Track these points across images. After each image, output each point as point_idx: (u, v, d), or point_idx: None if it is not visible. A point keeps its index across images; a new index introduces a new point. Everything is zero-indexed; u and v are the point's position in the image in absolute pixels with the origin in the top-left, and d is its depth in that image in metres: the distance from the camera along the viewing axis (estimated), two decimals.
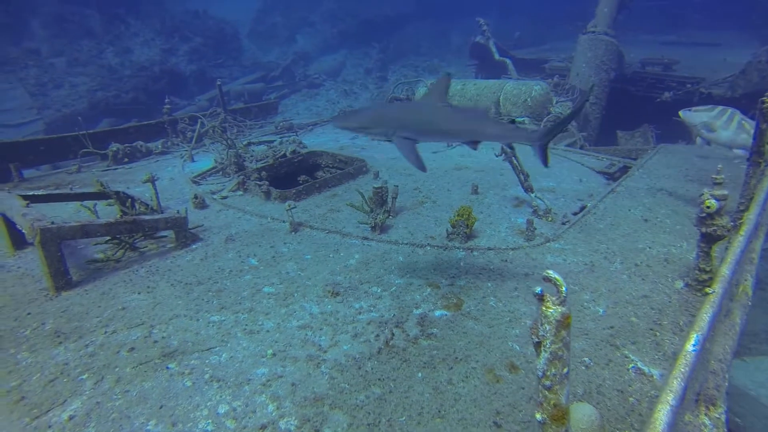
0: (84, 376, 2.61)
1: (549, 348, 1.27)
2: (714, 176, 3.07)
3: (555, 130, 3.33)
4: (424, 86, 8.50)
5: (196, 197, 4.94)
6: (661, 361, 2.66)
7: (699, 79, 10.49)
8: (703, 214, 3.01)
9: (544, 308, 1.26)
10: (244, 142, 7.36)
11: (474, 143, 3.21)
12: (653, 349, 2.76)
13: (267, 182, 5.13)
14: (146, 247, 4.07)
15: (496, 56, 12.22)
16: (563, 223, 4.34)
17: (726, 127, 4.64)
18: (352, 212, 4.57)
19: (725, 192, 3.01)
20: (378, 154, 6.58)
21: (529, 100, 7.40)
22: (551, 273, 1.27)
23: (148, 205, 4.48)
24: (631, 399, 2.41)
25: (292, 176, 6.19)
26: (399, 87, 9.09)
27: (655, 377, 2.55)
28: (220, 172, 6.13)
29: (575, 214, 4.57)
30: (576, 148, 7.00)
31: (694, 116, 4.71)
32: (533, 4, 26.50)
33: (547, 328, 1.26)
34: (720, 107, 5.21)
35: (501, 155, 4.41)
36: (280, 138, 7.37)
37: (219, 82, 8.46)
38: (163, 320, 3.06)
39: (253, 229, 4.47)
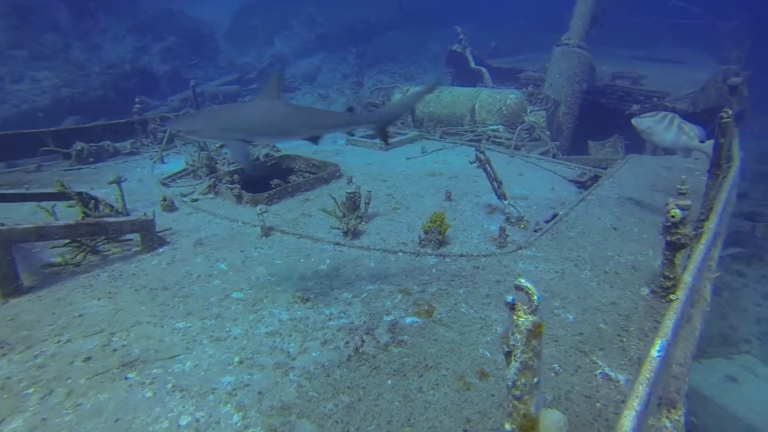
0: (30, 390, 2.44)
1: (519, 358, 1.26)
2: (678, 187, 3.15)
3: (395, 113, 3.52)
4: (399, 92, 8.53)
5: (164, 200, 4.81)
6: (627, 367, 2.70)
7: (664, 93, 10.84)
8: (668, 224, 3.08)
9: (515, 317, 1.25)
10: (217, 145, 7.22)
11: (315, 138, 3.17)
12: (620, 354, 2.80)
13: (239, 186, 5.03)
14: (110, 250, 3.92)
15: (472, 65, 12.38)
16: (535, 231, 4.39)
17: (668, 130, 4.95)
18: (325, 217, 4.51)
19: (689, 202, 3.09)
20: (352, 159, 6.55)
21: (503, 108, 7.50)
22: (523, 282, 1.26)
23: (113, 207, 4.33)
24: (598, 404, 2.42)
25: (265, 180, 6.09)
26: (374, 93, 9.09)
27: (621, 382, 2.58)
28: (191, 175, 5.99)
29: (547, 221, 4.63)
30: (549, 157, 7.12)
31: (641, 122, 5.04)
32: (511, 16, 27.06)
33: (518, 338, 1.24)
34: (662, 113, 5.48)
35: (475, 162, 4.44)
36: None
37: (193, 83, 8.30)
38: (125, 327, 2.94)
39: (223, 233, 4.36)
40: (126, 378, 2.50)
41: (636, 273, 3.69)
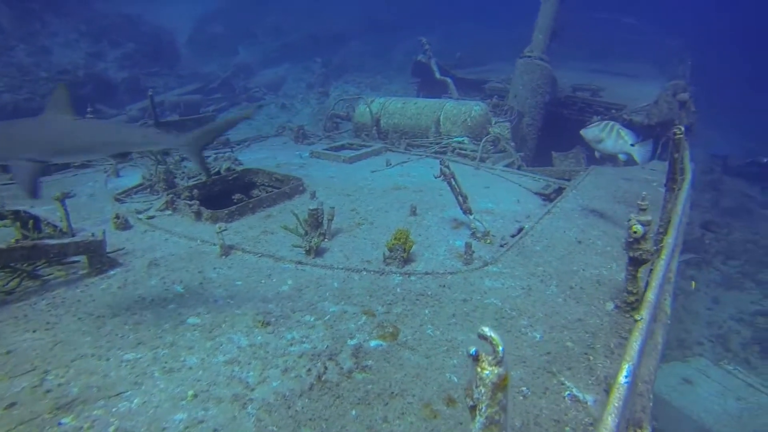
0: None
1: (485, 413, 1.16)
2: (639, 202, 3.17)
3: (206, 137, 3.17)
4: (364, 104, 8.45)
5: (117, 217, 4.53)
6: (594, 386, 2.67)
7: (622, 105, 11.19)
8: (630, 239, 3.09)
9: (479, 369, 1.16)
10: (176, 158, 6.94)
11: (122, 156, 3.00)
12: (587, 373, 2.77)
13: (198, 202, 4.81)
14: (52, 274, 3.65)
15: (437, 75, 12.47)
16: (501, 246, 4.36)
17: (609, 137, 5.25)
18: (287, 235, 4.36)
19: (649, 218, 3.11)
20: (316, 172, 6.41)
21: (468, 120, 7.53)
22: (487, 331, 1.17)
23: (57, 226, 4.05)
24: (567, 428, 2.37)
25: (226, 195, 5.89)
26: (339, 104, 8.99)
27: (589, 404, 2.54)
28: (148, 190, 5.72)
29: (513, 236, 4.62)
30: (514, 169, 7.18)
31: (588, 132, 5.36)
32: (475, 29, 27.55)
33: (483, 391, 1.15)
34: (604, 122, 5.80)
35: (439, 176, 4.39)
36: (215, 154, 7.02)
37: (150, 92, 7.98)
38: (63, 363, 2.69)
39: (180, 252, 4.14)
40: (59, 424, 2.26)
41: (601, 287, 3.71)
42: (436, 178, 4.42)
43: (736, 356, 10.11)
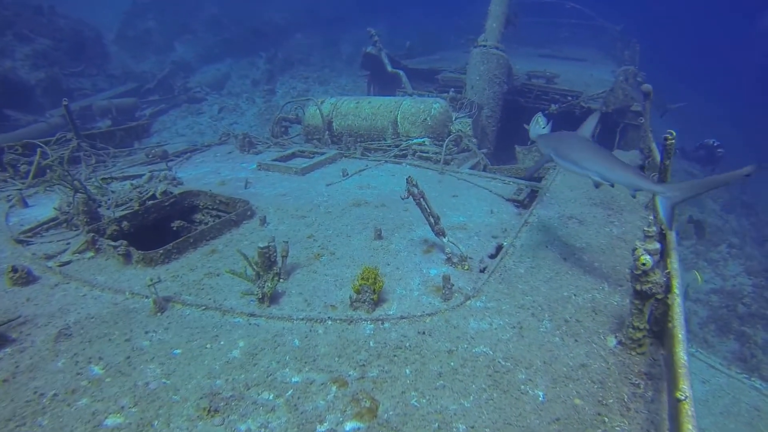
0: None
1: None
2: (645, 229, 2.74)
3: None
4: (314, 105, 7.75)
5: (14, 270, 3.68)
6: None
7: (578, 92, 11.03)
8: (638, 272, 2.66)
9: None
10: (98, 181, 6.04)
11: None
12: None
13: (126, 242, 4.02)
14: None
15: (389, 68, 11.89)
16: (481, 271, 3.88)
17: (534, 125, 5.54)
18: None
19: (657, 246, 2.69)
20: (265, 189, 5.70)
21: (428, 119, 7.00)
22: None
23: None
24: None
25: (163, 222, 5.11)
26: (287, 106, 8.24)
27: None
28: (65, 224, 4.84)
29: (492, 256, 4.15)
30: (480, 170, 6.74)
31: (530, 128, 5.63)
32: (421, 17, 27.10)
33: None
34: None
35: (407, 197, 3.83)
36: (150, 171, 6.15)
37: (65, 102, 6.93)
38: None
39: (102, 312, 3.38)
40: None
41: (597, 317, 3.29)
42: (403, 199, 3.85)
43: (695, 337, 10.29)
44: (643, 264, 2.61)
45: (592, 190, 5.71)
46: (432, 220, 3.99)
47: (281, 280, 3.65)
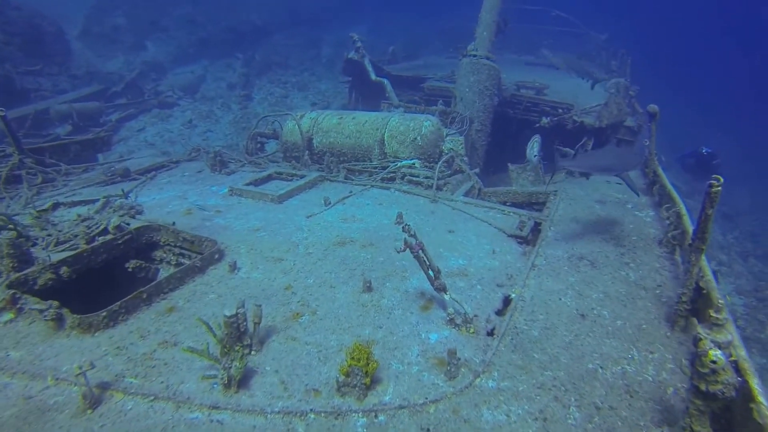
0: None
1: None
2: (713, 314, 2.20)
3: None
4: (292, 120, 7.08)
5: None
6: None
7: (569, 105, 10.61)
8: (705, 371, 2.12)
9: None
10: (46, 205, 5.27)
11: None
12: None
13: (57, 303, 3.29)
14: None
15: (373, 76, 11.27)
16: (489, 334, 3.31)
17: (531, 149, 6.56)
18: (197, 341, 3.05)
19: (729, 337, 2.16)
20: (236, 220, 5.01)
21: (419, 138, 6.41)
22: None
23: None
24: None
25: (116, 264, 4.38)
26: (263, 121, 7.54)
27: None
28: None
29: (499, 312, 3.59)
30: (475, 198, 6.18)
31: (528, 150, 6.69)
32: (404, 19, 26.54)
33: None
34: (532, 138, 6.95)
35: (403, 249, 3.22)
36: (105, 197, 5.40)
37: (2, 112, 6.07)
38: None
39: (3, 417, 2.62)
40: None
41: (634, 401, 2.74)
42: (398, 252, 3.25)
43: None
44: (713, 362, 2.07)
45: (599, 221, 5.23)
46: (431, 274, 3.40)
47: (253, 352, 3.00)
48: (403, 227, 3.25)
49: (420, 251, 3.27)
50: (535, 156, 6.73)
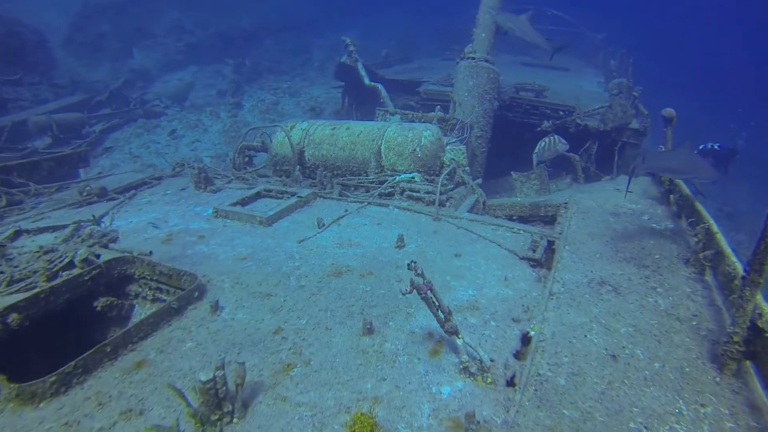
0: None
1: None
2: None
3: None
4: (281, 132, 6.62)
5: None
6: None
7: (570, 107, 10.22)
8: None
9: None
10: (6, 233, 4.79)
11: None
12: None
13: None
14: None
15: (366, 81, 10.83)
16: (509, 384, 2.87)
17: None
18: (168, 407, 2.59)
19: None
20: (220, 248, 4.55)
21: (418, 149, 5.96)
22: None
23: None
24: None
25: (82, 305, 3.91)
26: (251, 133, 7.08)
27: None
28: None
29: (518, 355, 3.15)
30: (480, 212, 5.76)
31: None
32: (398, 18, 26.15)
33: None
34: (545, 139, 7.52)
35: (409, 291, 2.78)
36: (75, 222, 4.92)
37: None
38: None
39: None
40: None
41: None
42: (404, 294, 2.81)
43: None
44: None
45: (616, 236, 4.81)
46: (441, 317, 2.95)
47: (235, 420, 2.55)
48: (408, 265, 2.81)
49: (429, 291, 2.83)
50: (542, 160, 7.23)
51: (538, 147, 7.71)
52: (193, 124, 14.08)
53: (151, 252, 4.39)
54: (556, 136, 7.63)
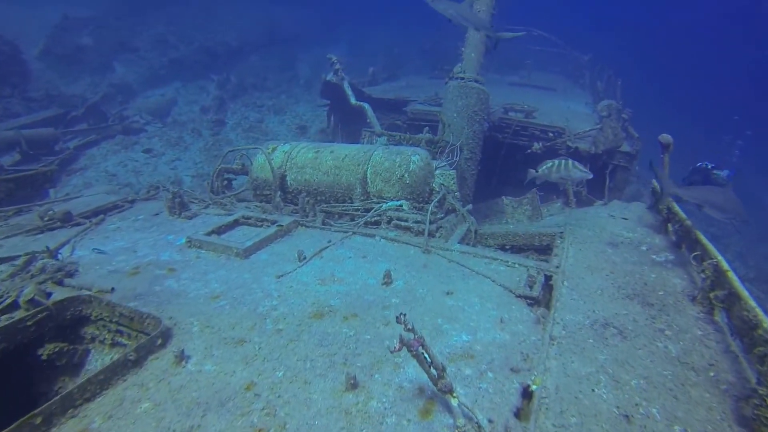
0: None
1: None
2: None
3: None
4: (262, 155, 6.28)
5: None
6: None
7: (559, 129, 10.09)
8: None
9: None
10: None
11: None
12: None
13: None
14: None
15: (353, 101, 10.58)
16: None
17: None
18: None
19: None
20: (192, 285, 4.15)
21: (406, 175, 5.66)
22: None
23: None
24: None
25: (26, 353, 3.47)
26: (229, 155, 6.73)
27: None
28: None
29: (518, 414, 2.81)
30: (471, 241, 5.46)
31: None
32: (384, 35, 26.18)
33: None
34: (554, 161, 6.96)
35: (397, 349, 2.44)
36: (28, 254, 4.48)
37: None
38: None
39: None
40: None
41: None
42: (392, 353, 2.47)
43: None
44: None
45: (616, 270, 4.54)
46: (435, 373, 2.61)
47: None
48: (397, 318, 2.47)
49: (420, 347, 2.49)
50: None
51: (544, 165, 7.17)
52: (174, 142, 13.62)
53: (113, 288, 3.98)
54: (571, 161, 7.05)
